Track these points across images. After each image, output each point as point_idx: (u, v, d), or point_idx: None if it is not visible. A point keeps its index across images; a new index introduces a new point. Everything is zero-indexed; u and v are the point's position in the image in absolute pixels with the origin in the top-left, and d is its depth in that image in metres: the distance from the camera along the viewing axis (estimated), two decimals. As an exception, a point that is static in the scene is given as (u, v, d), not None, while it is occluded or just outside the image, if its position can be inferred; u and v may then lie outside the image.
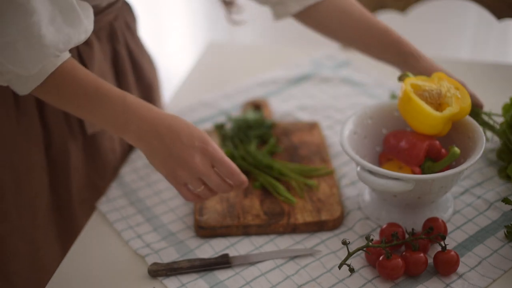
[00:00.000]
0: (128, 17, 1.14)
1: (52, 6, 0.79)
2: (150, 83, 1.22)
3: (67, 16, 0.81)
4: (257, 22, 2.31)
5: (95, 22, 0.97)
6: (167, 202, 1.04)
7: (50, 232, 1.07)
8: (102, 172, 1.11)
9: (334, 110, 1.26)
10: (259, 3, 1.07)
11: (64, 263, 0.94)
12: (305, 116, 1.25)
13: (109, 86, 0.88)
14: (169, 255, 0.93)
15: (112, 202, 1.05)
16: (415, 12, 1.70)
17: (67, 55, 0.87)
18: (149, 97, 1.22)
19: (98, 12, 1.00)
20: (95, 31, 1.01)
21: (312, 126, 1.19)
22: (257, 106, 1.25)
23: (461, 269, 0.86)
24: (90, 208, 1.08)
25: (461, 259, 0.88)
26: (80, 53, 1.01)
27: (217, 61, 1.27)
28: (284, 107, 1.28)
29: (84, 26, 0.84)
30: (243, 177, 0.91)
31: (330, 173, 1.05)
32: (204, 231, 0.96)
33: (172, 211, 1.02)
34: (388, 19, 1.84)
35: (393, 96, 1.11)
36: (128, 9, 1.15)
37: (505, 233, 0.91)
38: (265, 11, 1.15)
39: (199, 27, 2.31)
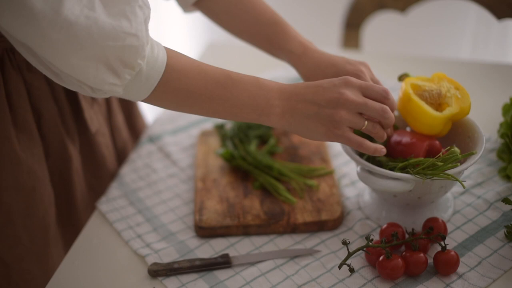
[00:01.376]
0: None
1: None
2: None
3: None
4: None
5: None
6: (167, 202, 1.04)
7: (59, 247, 1.03)
8: (98, 172, 1.09)
9: (334, 110, 1.25)
10: None
11: (64, 263, 0.94)
12: (305, 116, 1.24)
13: (236, 72, 0.85)
14: (169, 255, 0.93)
15: (112, 202, 1.05)
16: (415, 12, 1.71)
17: (162, 49, 0.81)
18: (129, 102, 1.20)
19: None
20: None
21: (312, 126, 1.18)
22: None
23: (461, 269, 0.86)
24: (91, 212, 1.07)
25: (461, 259, 0.88)
26: None
27: (217, 61, 1.26)
28: (284, 107, 1.27)
29: (159, 47, 0.80)
30: (390, 95, 0.86)
31: (330, 173, 1.05)
32: (204, 231, 0.96)
33: (172, 211, 1.02)
34: (388, 19, 1.85)
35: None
36: None
37: (505, 233, 0.91)
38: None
39: (199, 27, 2.31)
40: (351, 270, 0.84)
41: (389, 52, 1.95)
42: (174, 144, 1.19)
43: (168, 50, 0.81)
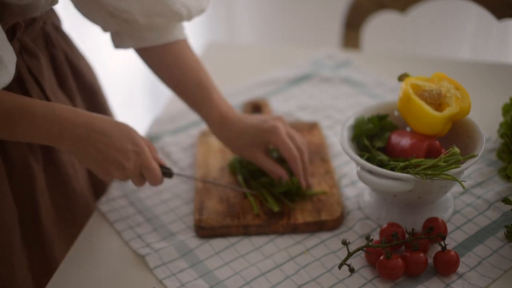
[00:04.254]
0: (53, 18, 1.07)
1: None
2: (91, 85, 1.16)
3: None
4: (257, 22, 2.31)
5: (31, 31, 0.95)
6: (167, 202, 1.04)
7: (24, 266, 0.98)
8: (64, 190, 1.05)
9: (334, 110, 1.26)
10: (102, 30, 1.02)
11: (64, 263, 0.94)
12: (305, 116, 1.25)
13: (32, 100, 0.87)
14: (169, 255, 0.93)
15: (112, 202, 1.05)
16: (415, 12, 1.70)
17: None
18: (94, 101, 1.18)
19: (32, 22, 0.95)
20: (33, 41, 0.97)
21: (312, 126, 1.19)
22: (257, 106, 1.25)
23: (461, 269, 0.86)
24: (59, 231, 1.03)
25: (461, 259, 0.88)
26: (30, 68, 0.96)
27: (217, 61, 1.27)
28: (284, 107, 1.28)
29: (8, 70, 0.81)
30: (159, 181, 0.96)
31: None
32: (204, 231, 0.96)
33: (172, 211, 1.02)
34: (388, 19, 1.85)
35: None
36: (51, 9, 1.06)
37: (505, 233, 0.91)
38: (265, 11, 1.14)
39: (199, 27, 2.31)
40: (351, 270, 0.84)
41: (389, 52, 1.95)
42: (174, 144, 1.19)
43: None
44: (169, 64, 1.02)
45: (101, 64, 1.56)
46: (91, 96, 1.17)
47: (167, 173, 0.98)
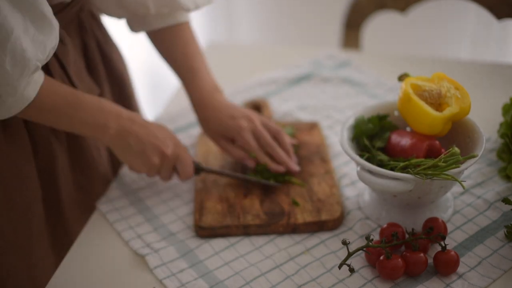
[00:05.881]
0: (92, 5, 1.10)
1: (23, 18, 0.79)
2: (121, 75, 1.20)
3: (39, 24, 0.81)
4: (257, 22, 2.31)
5: (63, 16, 0.97)
6: (167, 202, 1.04)
7: (44, 243, 1.02)
8: (87, 172, 1.08)
9: (334, 110, 1.26)
10: (116, 17, 1.07)
11: (64, 263, 0.94)
12: (305, 116, 1.25)
13: (78, 91, 0.94)
14: (169, 255, 0.93)
15: (112, 202, 1.05)
16: (415, 12, 1.71)
17: (41, 74, 0.88)
18: (122, 91, 1.21)
19: (66, 5, 0.99)
20: (64, 26, 1.00)
21: (312, 126, 1.19)
22: (257, 106, 1.25)
23: (461, 269, 0.86)
24: (80, 212, 1.06)
25: (461, 259, 0.88)
26: (56, 52, 0.98)
27: (217, 61, 1.27)
28: (284, 107, 1.28)
29: (56, 31, 0.84)
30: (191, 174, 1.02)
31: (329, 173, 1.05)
32: (204, 231, 0.96)
33: (172, 211, 1.02)
34: (388, 19, 1.85)
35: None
36: None
37: (505, 233, 0.91)
38: (265, 11, 1.15)
39: (199, 27, 2.31)
40: (351, 270, 0.84)
41: (389, 52, 1.95)
42: (174, 144, 1.19)
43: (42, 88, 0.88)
44: (167, 45, 1.08)
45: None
46: (119, 86, 1.20)
47: (198, 168, 1.03)
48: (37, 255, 1.00)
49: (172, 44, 1.08)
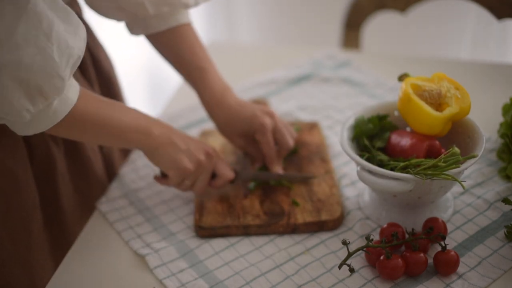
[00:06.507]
0: (74, 5, 1.08)
1: (53, 14, 0.77)
2: (108, 75, 1.18)
3: (66, 18, 0.79)
4: (257, 22, 2.31)
5: None
6: (167, 202, 1.04)
7: (44, 250, 1.00)
8: (85, 174, 1.07)
9: (334, 110, 1.26)
10: (115, 20, 1.06)
11: (64, 263, 0.94)
12: (305, 116, 1.25)
13: (121, 106, 0.94)
14: (169, 255, 0.93)
15: (112, 202, 1.05)
16: (415, 12, 1.70)
17: (76, 86, 0.86)
18: (110, 92, 1.19)
19: None
20: None
21: (312, 126, 1.19)
22: (257, 106, 1.25)
23: (461, 269, 0.86)
24: (79, 215, 1.05)
25: (461, 259, 0.88)
26: None
27: (217, 61, 1.27)
28: (284, 107, 1.28)
29: (82, 26, 0.82)
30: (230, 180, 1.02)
31: (329, 173, 1.05)
32: (204, 231, 0.96)
33: (172, 211, 1.02)
34: (388, 19, 1.85)
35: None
36: None
37: (505, 233, 0.91)
38: (265, 11, 1.15)
39: (199, 27, 2.31)
40: (351, 270, 0.84)
41: (389, 52, 1.95)
42: (174, 144, 1.19)
43: (81, 92, 0.87)
44: (172, 47, 1.07)
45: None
46: (107, 86, 1.19)
47: (237, 173, 1.03)
48: (37, 263, 0.98)
49: (178, 46, 1.06)
